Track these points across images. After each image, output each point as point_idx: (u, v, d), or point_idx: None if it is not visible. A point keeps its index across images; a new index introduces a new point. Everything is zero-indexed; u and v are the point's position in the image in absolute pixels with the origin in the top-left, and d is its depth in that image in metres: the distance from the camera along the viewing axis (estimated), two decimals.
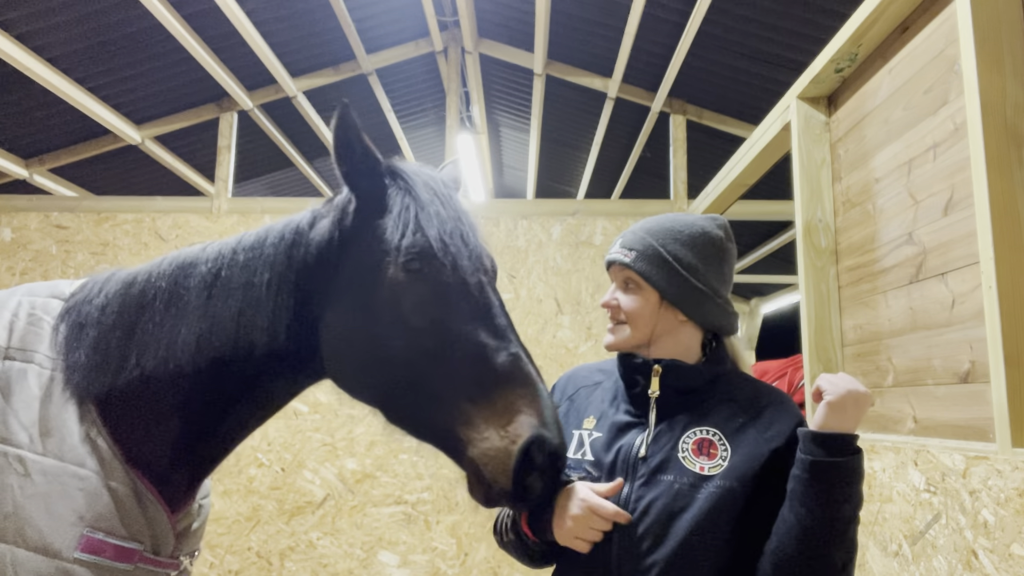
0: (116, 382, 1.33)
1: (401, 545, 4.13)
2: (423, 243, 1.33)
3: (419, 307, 1.31)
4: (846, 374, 1.32)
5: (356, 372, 1.37)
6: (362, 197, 1.41)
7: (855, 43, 2.13)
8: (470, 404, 1.25)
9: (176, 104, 5.15)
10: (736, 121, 5.07)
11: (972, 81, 1.56)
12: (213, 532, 4.15)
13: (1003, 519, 1.39)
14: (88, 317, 1.38)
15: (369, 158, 1.40)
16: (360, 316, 1.34)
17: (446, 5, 5.18)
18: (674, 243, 1.51)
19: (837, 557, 1.24)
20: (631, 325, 1.50)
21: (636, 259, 1.50)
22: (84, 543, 1.23)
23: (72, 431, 1.29)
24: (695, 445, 1.39)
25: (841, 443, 1.22)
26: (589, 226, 4.43)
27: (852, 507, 1.24)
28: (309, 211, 1.49)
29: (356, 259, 1.37)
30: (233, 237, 1.48)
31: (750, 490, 1.33)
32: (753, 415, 1.43)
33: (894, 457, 1.77)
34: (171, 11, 4.00)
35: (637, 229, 1.55)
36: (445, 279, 1.32)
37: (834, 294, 2.36)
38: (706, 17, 4.02)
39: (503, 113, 7.24)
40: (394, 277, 1.32)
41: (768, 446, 1.36)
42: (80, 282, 1.48)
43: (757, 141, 3.02)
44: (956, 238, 1.72)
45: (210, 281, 1.39)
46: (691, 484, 1.34)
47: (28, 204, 4.52)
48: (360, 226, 1.40)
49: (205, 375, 1.37)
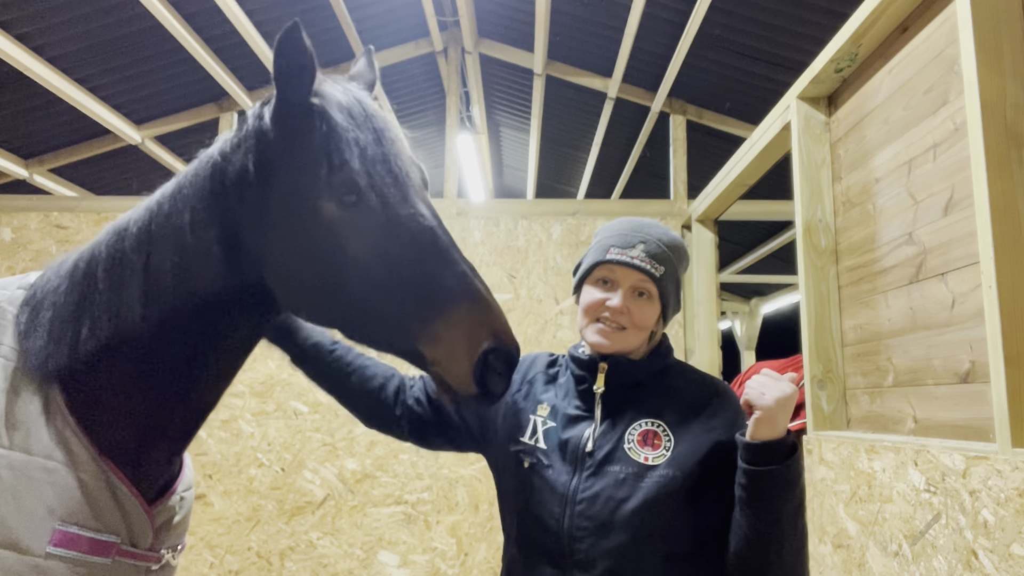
0: (73, 358, 1.29)
1: (401, 545, 4.13)
2: (346, 177, 1.29)
3: (358, 240, 1.28)
4: (769, 375, 1.35)
5: (307, 304, 1.36)
6: (283, 128, 1.33)
7: (855, 43, 2.13)
8: (426, 324, 1.27)
9: (176, 104, 5.15)
10: (736, 121, 5.07)
11: (972, 81, 1.56)
12: (213, 532, 4.15)
13: (1003, 519, 1.39)
14: (44, 301, 1.35)
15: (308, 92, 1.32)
16: (299, 252, 1.31)
17: (446, 5, 5.18)
18: (683, 265, 1.59)
19: (788, 548, 1.34)
20: (634, 333, 1.53)
21: (664, 276, 1.52)
22: (57, 537, 1.20)
23: (39, 423, 1.25)
24: (640, 436, 1.47)
25: (774, 450, 1.30)
26: (589, 226, 4.43)
27: (795, 504, 1.33)
28: (219, 143, 1.42)
29: (282, 193, 1.32)
30: (157, 190, 1.43)
31: (694, 478, 1.41)
32: (696, 407, 1.50)
33: (894, 457, 1.77)
34: (171, 11, 4.00)
35: (658, 243, 1.55)
36: (377, 209, 1.30)
37: (834, 294, 2.36)
38: (706, 17, 4.02)
39: (503, 113, 7.24)
40: (327, 213, 1.29)
41: (710, 436, 1.44)
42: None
43: (757, 141, 3.02)
44: (956, 238, 1.72)
45: (144, 238, 1.35)
46: (636, 473, 1.42)
47: (28, 204, 4.52)
48: (279, 158, 1.33)
49: (160, 334, 1.33)
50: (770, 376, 1.34)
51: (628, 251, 1.53)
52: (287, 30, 1.24)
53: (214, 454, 4.19)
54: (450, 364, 1.27)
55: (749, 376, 2.90)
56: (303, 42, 1.25)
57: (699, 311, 4.21)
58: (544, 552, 1.46)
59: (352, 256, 1.28)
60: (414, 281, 1.28)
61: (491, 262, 4.36)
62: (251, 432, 4.21)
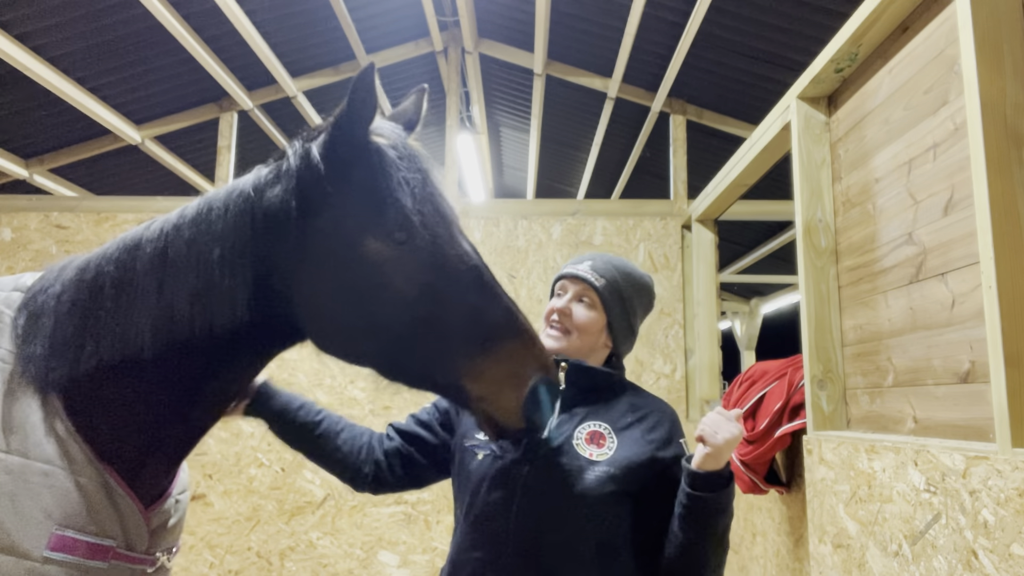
0: (75, 372, 1.27)
1: (401, 545, 4.13)
2: (399, 214, 1.29)
3: (405, 278, 1.28)
4: (722, 414, 1.56)
5: (346, 342, 1.35)
6: (335, 164, 1.32)
7: (855, 43, 2.13)
8: (471, 360, 1.28)
9: (176, 104, 5.15)
10: (736, 121, 5.07)
11: (972, 81, 1.56)
12: (213, 532, 4.15)
13: (1003, 519, 1.39)
14: (44, 307, 1.32)
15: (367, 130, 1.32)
16: (339, 289, 1.29)
17: (446, 5, 5.18)
18: (631, 288, 1.80)
19: (713, 561, 1.58)
20: (578, 335, 1.74)
21: (605, 286, 1.75)
22: (54, 541, 1.19)
23: (36, 426, 1.23)
24: (588, 435, 1.65)
25: (714, 481, 1.52)
26: (589, 226, 4.43)
27: (724, 523, 1.57)
28: (252, 177, 1.39)
29: (326, 230, 1.30)
30: (175, 211, 1.39)
31: (630, 480, 1.60)
32: (639, 417, 1.70)
33: (894, 457, 1.77)
34: (171, 11, 4.00)
35: (606, 261, 1.81)
36: (427, 248, 1.30)
37: (834, 294, 2.36)
38: (706, 17, 4.02)
39: (503, 113, 7.24)
40: (375, 250, 1.28)
41: (650, 447, 1.64)
42: (42, 273, 1.43)
43: (757, 141, 3.02)
44: (956, 238, 1.72)
45: (158, 262, 1.31)
46: (580, 467, 1.60)
47: (28, 204, 4.52)
48: (327, 195, 1.31)
49: (166, 360, 1.31)
50: (723, 416, 1.55)
51: (576, 265, 1.79)
52: (364, 72, 1.25)
53: (214, 454, 4.19)
54: (498, 399, 1.28)
55: (749, 376, 2.90)
56: (374, 85, 1.27)
57: (699, 311, 4.20)
58: (489, 536, 1.59)
59: (398, 294, 1.28)
60: (460, 318, 1.29)
61: (491, 262, 4.36)
62: (251, 432, 4.21)
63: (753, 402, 2.69)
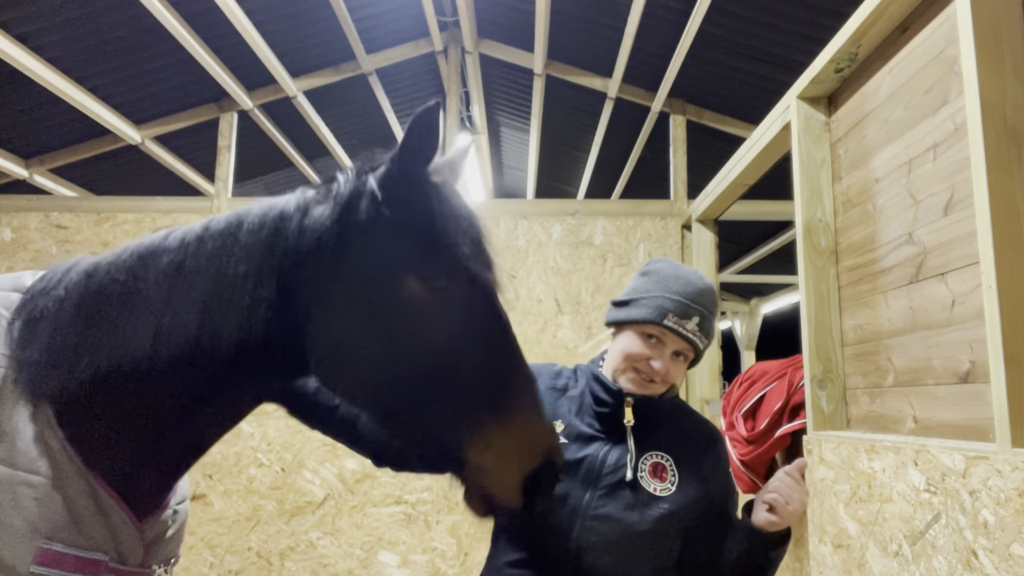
0: (71, 381, 1.21)
1: (401, 545, 4.13)
2: (448, 258, 1.24)
3: (439, 326, 1.22)
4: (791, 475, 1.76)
5: (355, 382, 1.28)
6: (389, 199, 1.25)
7: (855, 43, 2.13)
8: (481, 424, 1.22)
9: (176, 104, 5.15)
10: (736, 121, 5.07)
11: (972, 81, 1.56)
12: (213, 532, 4.15)
13: (1003, 519, 1.39)
14: (44, 311, 1.26)
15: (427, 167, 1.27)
16: (367, 329, 1.23)
17: (446, 5, 5.18)
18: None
19: None
20: (661, 386, 1.77)
21: (704, 348, 1.78)
22: (39, 556, 1.13)
23: (24, 435, 1.17)
24: (651, 468, 1.69)
25: (776, 540, 1.67)
26: (589, 226, 4.42)
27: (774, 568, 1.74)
28: (294, 197, 1.34)
29: (365, 265, 1.24)
30: (198, 223, 1.33)
31: (686, 516, 1.69)
32: (698, 452, 1.78)
33: (894, 457, 1.77)
34: (171, 11, 4.00)
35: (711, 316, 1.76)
36: (468, 298, 1.25)
37: (834, 294, 2.36)
38: (706, 17, 4.02)
39: (503, 113, 7.24)
40: (412, 292, 1.22)
41: (708, 487, 1.74)
42: (42, 272, 1.36)
43: (757, 141, 3.02)
44: (956, 238, 1.72)
45: (171, 273, 1.25)
46: (644, 503, 1.65)
47: (28, 204, 4.52)
48: (374, 230, 1.25)
49: (166, 375, 1.24)
50: (794, 480, 1.74)
51: (684, 322, 1.70)
52: (429, 109, 1.19)
53: (214, 454, 4.19)
54: (499, 473, 1.22)
55: (749, 376, 2.90)
56: (438, 122, 1.22)
57: None
58: (546, 560, 1.63)
59: (425, 340, 1.22)
60: (483, 373, 1.23)
61: None
62: (251, 432, 4.21)
63: (753, 402, 2.69)
